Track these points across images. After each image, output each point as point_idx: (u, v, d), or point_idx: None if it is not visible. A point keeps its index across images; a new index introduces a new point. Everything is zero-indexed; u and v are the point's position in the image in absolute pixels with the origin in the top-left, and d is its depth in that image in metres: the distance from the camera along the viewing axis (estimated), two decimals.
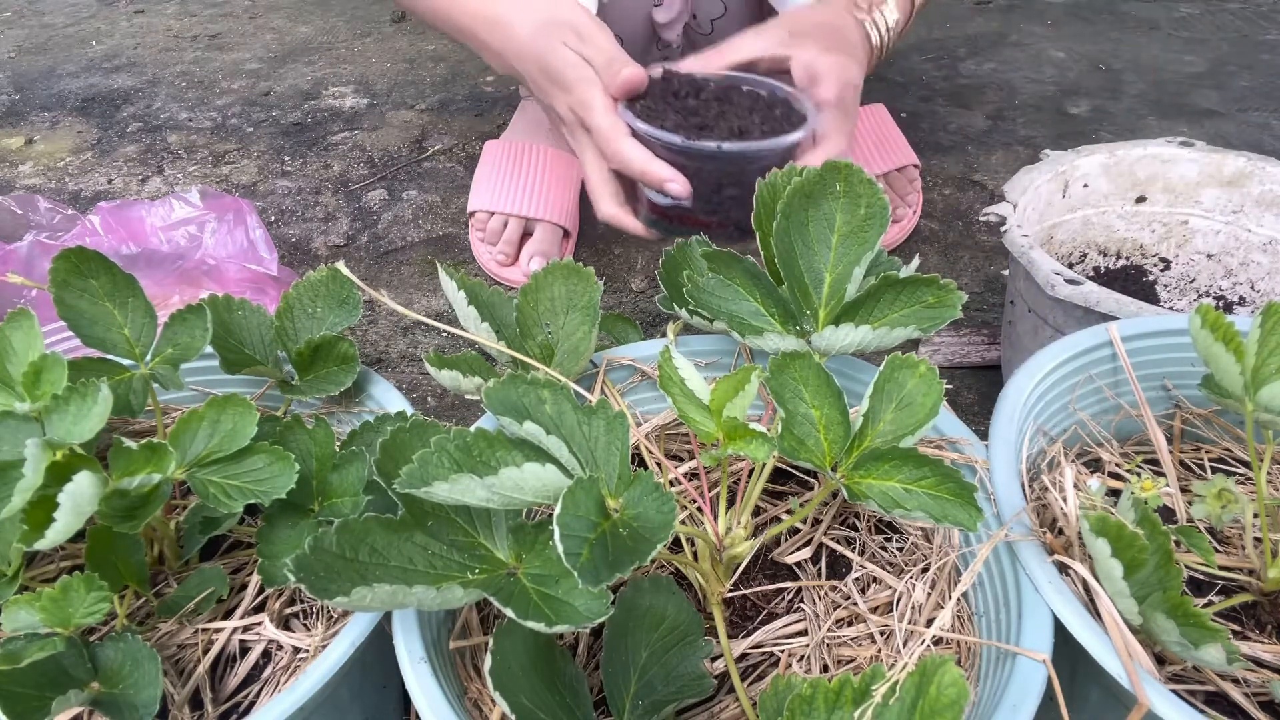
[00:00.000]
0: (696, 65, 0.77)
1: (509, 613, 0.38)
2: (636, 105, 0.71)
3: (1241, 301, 0.85)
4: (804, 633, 0.51)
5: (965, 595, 0.50)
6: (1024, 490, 0.50)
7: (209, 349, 0.58)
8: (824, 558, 0.56)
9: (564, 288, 0.58)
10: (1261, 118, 1.43)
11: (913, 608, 0.50)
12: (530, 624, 0.37)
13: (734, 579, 0.54)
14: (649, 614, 0.48)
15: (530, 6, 0.78)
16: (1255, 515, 0.48)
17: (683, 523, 0.54)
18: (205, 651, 0.51)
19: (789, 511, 0.58)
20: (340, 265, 0.61)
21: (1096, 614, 0.43)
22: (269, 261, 0.97)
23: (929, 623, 0.49)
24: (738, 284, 0.57)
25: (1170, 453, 0.57)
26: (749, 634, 0.51)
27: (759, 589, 0.53)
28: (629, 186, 0.75)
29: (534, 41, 0.75)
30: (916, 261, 0.55)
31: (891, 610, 0.51)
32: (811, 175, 0.54)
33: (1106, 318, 0.64)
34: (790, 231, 0.54)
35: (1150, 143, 0.86)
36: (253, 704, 0.49)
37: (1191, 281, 0.88)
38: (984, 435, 0.53)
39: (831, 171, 0.54)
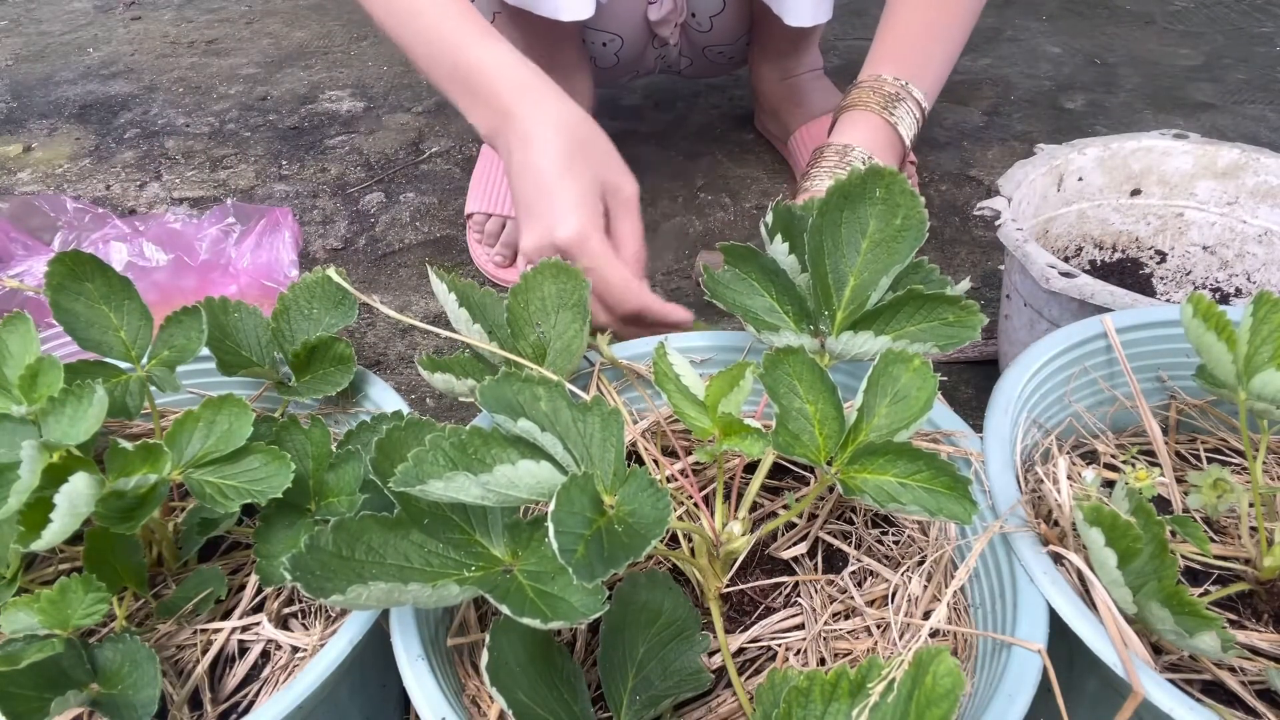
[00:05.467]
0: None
1: (505, 609, 0.38)
2: None
3: (1238, 293, 0.85)
4: (801, 627, 0.51)
5: (961, 588, 0.50)
6: (1019, 482, 0.50)
7: (205, 351, 0.58)
8: (820, 552, 0.56)
9: (554, 287, 0.58)
10: (1257, 110, 1.43)
11: (909, 600, 0.50)
12: (526, 620, 0.38)
13: (731, 574, 0.54)
14: (646, 609, 0.48)
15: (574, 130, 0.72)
16: (1251, 504, 0.48)
17: (680, 518, 0.54)
18: (204, 652, 0.51)
19: (785, 507, 0.58)
20: (332, 270, 0.61)
21: (1092, 604, 0.44)
22: (289, 279, 0.97)
23: (925, 615, 0.49)
24: (753, 279, 0.57)
25: (1165, 443, 0.57)
26: (746, 628, 0.51)
27: (756, 584, 0.53)
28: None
29: (574, 198, 0.70)
30: (966, 284, 0.55)
31: (888, 603, 0.51)
32: (854, 176, 0.54)
33: (1102, 310, 0.64)
34: (823, 230, 0.54)
35: (1144, 135, 0.86)
36: (252, 703, 0.49)
37: (1188, 274, 0.88)
38: (981, 429, 0.54)
39: (874, 176, 0.54)
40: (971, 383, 0.92)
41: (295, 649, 0.51)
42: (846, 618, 0.51)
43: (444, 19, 0.79)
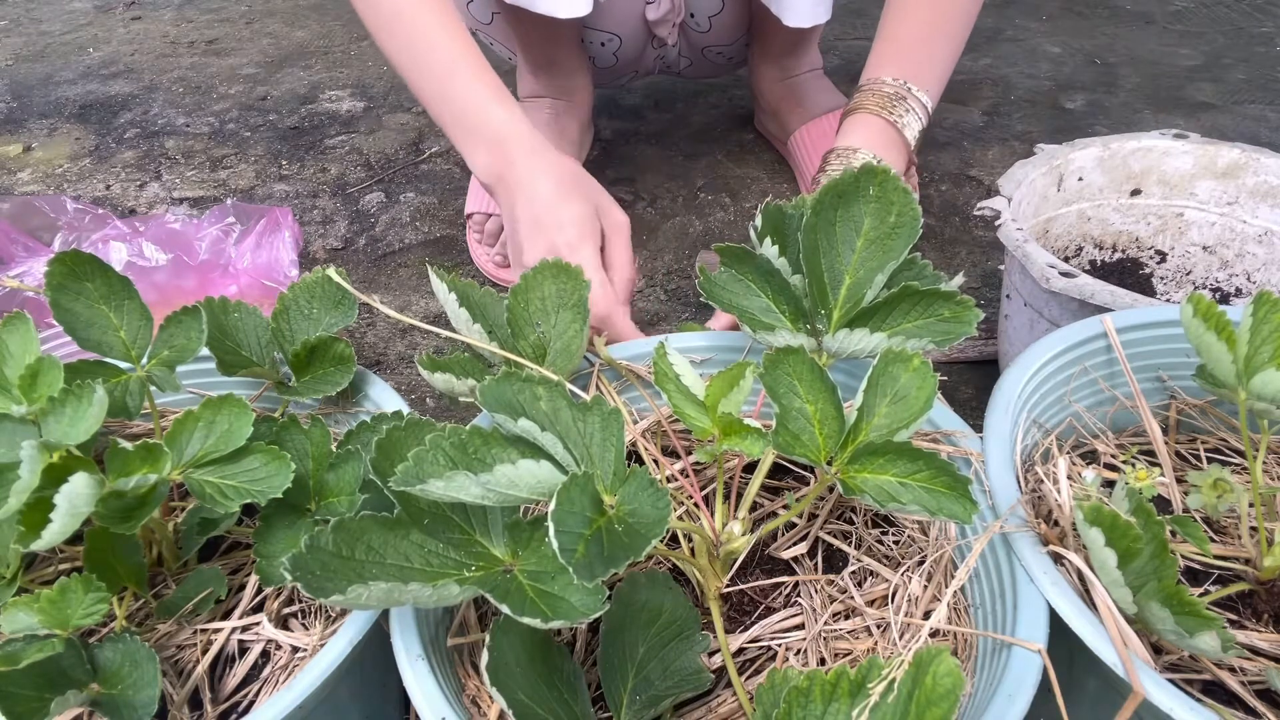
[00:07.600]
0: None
1: (505, 609, 0.38)
2: None
3: (1238, 293, 0.85)
4: (801, 627, 0.51)
5: (961, 588, 0.50)
6: (1019, 482, 0.50)
7: (205, 351, 0.58)
8: (820, 552, 0.56)
9: (554, 287, 0.58)
10: (1257, 110, 1.43)
11: (909, 600, 0.50)
12: (526, 620, 0.38)
13: (731, 574, 0.54)
14: (646, 609, 0.48)
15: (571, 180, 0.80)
16: (1251, 504, 0.48)
17: (680, 518, 0.54)
18: (204, 652, 0.51)
19: (785, 507, 0.58)
20: (332, 270, 0.61)
21: (1092, 604, 0.43)
22: (289, 279, 0.97)
23: (926, 615, 0.49)
24: (749, 280, 0.57)
25: (1165, 443, 0.57)
26: (746, 628, 0.51)
27: (756, 584, 0.53)
28: None
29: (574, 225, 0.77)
30: (960, 278, 0.55)
31: (888, 603, 0.51)
32: (847, 175, 0.54)
33: (1102, 310, 0.64)
34: (818, 229, 0.54)
35: (1144, 135, 0.86)
36: (252, 703, 0.49)
37: (1188, 274, 0.88)
38: (981, 429, 0.54)
39: (867, 175, 0.54)
40: (971, 383, 0.92)
41: (295, 649, 0.51)
42: (846, 618, 0.51)
43: (456, 71, 0.84)
